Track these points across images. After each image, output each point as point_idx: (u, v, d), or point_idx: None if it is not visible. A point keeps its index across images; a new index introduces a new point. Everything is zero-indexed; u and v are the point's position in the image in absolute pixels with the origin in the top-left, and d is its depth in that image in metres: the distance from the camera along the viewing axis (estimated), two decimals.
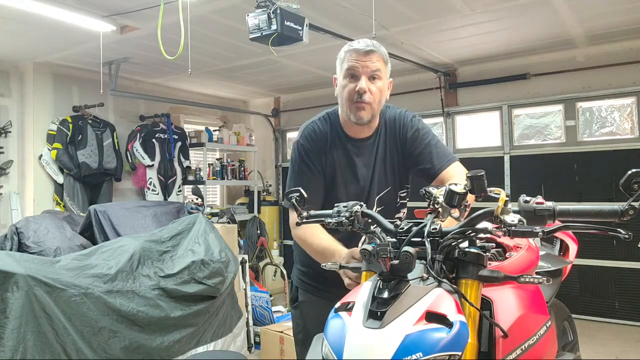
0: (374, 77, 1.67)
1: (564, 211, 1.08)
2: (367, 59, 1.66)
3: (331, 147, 1.76)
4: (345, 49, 1.72)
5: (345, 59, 1.69)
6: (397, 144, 1.79)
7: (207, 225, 3.47)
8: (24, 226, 3.33)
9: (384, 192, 1.79)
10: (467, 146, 5.75)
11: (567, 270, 2.00)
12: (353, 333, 1.00)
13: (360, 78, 1.66)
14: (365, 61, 1.65)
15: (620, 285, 4.78)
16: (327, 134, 1.77)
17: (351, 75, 1.67)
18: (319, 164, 1.74)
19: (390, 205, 1.81)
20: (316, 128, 1.78)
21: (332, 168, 1.76)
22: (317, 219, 1.40)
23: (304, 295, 1.90)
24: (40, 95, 5.09)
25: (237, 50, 4.72)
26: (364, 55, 1.66)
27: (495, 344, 1.14)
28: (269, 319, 4.45)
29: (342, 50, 1.73)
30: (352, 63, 1.67)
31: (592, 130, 5.02)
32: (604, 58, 4.86)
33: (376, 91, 1.67)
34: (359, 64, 1.66)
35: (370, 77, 1.66)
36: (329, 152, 1.76)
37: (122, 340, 2.69)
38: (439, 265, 1.14)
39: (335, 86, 1.77)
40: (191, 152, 6.16)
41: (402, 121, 1.80)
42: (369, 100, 1.66)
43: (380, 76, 1.68)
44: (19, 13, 3.60)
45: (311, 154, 1.74)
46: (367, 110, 1.67)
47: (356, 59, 1.66)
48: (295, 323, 1.95)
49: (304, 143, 1.76)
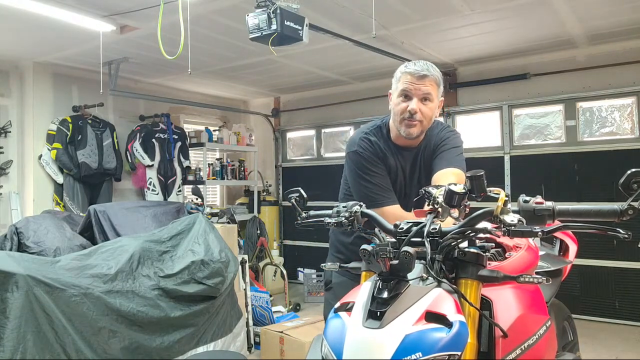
0: (425, 99, 1.81)
1: (563, 211, 1.08)
2: (420, 82, 1.79)
3: (384, 155, 1.92)
4: (402, 70, 1.84)
5: (401, 80, 1.83)
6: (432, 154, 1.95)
7: (207, 225, 3.47)
8: (24, 226, 3.33)
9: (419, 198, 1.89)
10: (467, 146, 5.66)
11: (567, 270, 2.00)
12: (353, 333, 1.00)
13: (412, 99, 1.80)
14: (418, 84, 1.79)
15: (621, 285, 4.78)
16: (379, 144, 1.93)
17: (405, 95, 1.82)
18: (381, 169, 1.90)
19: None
20: (370, 138, 1.93)
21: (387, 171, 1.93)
22: (316, 218, 1.40)
23: (338, 277, 2.03)
24: (40, 95, 5.09)
25: (237, 50, 4.72)
26: (417, 79, 1.79)
27: (495, 343, 1.14)
28: (269, 319, 4.45)
29: (399, 71, 1.86)
30: (406, 85, 1.80)
31: (593, 130, 5.02)
32: (604, 58, 4.86)
33: (426, 111, 1.82)
34: (412, 86, 1.80)
35: (422, 99, 1.81)
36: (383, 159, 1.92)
37: (122, 341, 2.69)
38: (438, 265, 1.14)
39: (390, 100, 1.91)
40: (191, 152, 6.16)
41: (440, 134, 1.96)
42: (419, 118, 1.81)
43: (432, 99, 1.82)
44: (19, 13, 3.60)
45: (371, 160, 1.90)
46: (417, 127, 1.84)
47: (410, 82, 1.80)
48: (328, 304, 2.08)
49: (362, 151, 1.90)
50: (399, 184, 1.95)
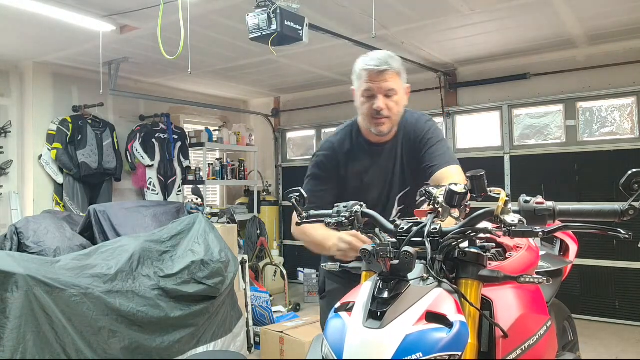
0: (389, 95, 1.75)
1: (564, 211, 1.08)
2: (381, 78, 1.73)
3: (355, 155, 1.88)
4: (360, 67, 1.77)
5: (361, 78, 1.77)
6: (415, 146, 1.88)
7: (207, 225, 3.47)
8: (24, 226, 3.33)
9: (404, 192, 1.85)
10: (467, 146, 5.75)
11: (567, 270, 2.00)
12: (353, 333, 1.00)
13: (377, 97, 1.75)
14: (379, 81, 1.73)
15: (621, 285, 4.78)
16: (349, 144, 1.89)
17: (368, 95, 1.77)
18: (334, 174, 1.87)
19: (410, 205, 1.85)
20: (336, 141, 1.91)
21: (358, 172, 1.89)
22: (317, 218, 1.40)
23: (332, 285, 1.99)
24: (40, 95, 5.09)
25: (237, 50, 4.72)
26: (377, 75, 1.73)
27: (495, 344, 1.14)
28: (269, 319, 4.45)
29: (357, 67, 1.79)
30: (368, 84, 1.75)
31: (593, 130, 5.02)
32: (604, 58, 4.86)
33: (393, 105, 1.77)
34: (374, 85, 1.74)
35: (386, 95, 1.75)
36: (353, 160, 1.88)
37: (122, 340, 2.69)
38: (439, 265, 1.14)
39: (354, 97, 1.86)
40: (191, 152, 6.16)
41: (418, 125, 1.90)
42: (387, 114, 1.77)
43: (396, 91, 1.77)
44: (19, 13, 3.60)
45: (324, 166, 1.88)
46: (386, 124, 1.79)
47: (371, 79, 1.74)
48: (323, 313, 2.06)
49: (319, 155, 1.91)
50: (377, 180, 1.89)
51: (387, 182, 1.89)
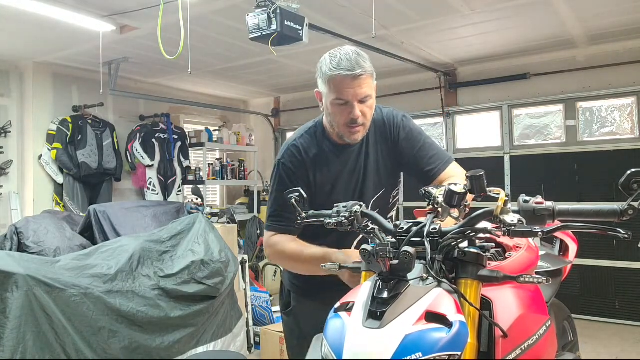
0: (363, 101, 1.59)
1: (563, 211, 1.08)
2: (356, 85, 1.55)
3: (323, 160, 1.72)
4: (332, 72, 1.55)
5: (332, 84, 1.57)
6: (388, 145, 1.76)
7: (207, 225, 3.47)
8: (24, 226, 3.33)
9: (379, 195, 1.77)
10: (467, 146, 5.75)
11: (567, 270, 2.00)
12: (353, 333, 1.00)
13: (352, 105, 1.58)
14: (354, 88, 1.55)
15: (621, 285, 4.78)
16: (315, 149, 1.73)
17: (341, 103, 1.59)
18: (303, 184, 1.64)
19: (384, 207, 1.81)
20: (299, 145, 1.73)
21: (327, 179, 1.73)
22: (316, 219, 1.40)
23: (297, 299, 1.85)
24: (40, 95, 5.09)
25: (237, 50, 4.72)
26: (352, 80, 1.54)
27: (495, 344, 1.14)
28: (269, 319, 4.45)
29: (327, 71, 1.57)
30: (341, 92, 1.56)
31: (593, 130, 5.02)
32: (604, 58, 4.86)
33: (368, 110, 1.63)
34: (349, 92, 1.56)
35: (360, 101, 1.59)
36: (320, 166, 1.72)
37: (122, 340, 2.69)
38: (438, 265, 1.14)
39: (319, 100, 1.69)
40: (191, 152, 6.16)
41: (392, 122, 1.77)
42: (362, 122, 1.62)
43: (371, 95, 1.62)
44: (19, 13, 3.60)
45: (293, 175, 1.70)
46: (361, 132, 1.65)
47: (345, 86, 1.55)
48: (289, 329, 1.89)
49: (285, 163, 1.72)
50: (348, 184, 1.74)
51: (359, 185, 1.75)
